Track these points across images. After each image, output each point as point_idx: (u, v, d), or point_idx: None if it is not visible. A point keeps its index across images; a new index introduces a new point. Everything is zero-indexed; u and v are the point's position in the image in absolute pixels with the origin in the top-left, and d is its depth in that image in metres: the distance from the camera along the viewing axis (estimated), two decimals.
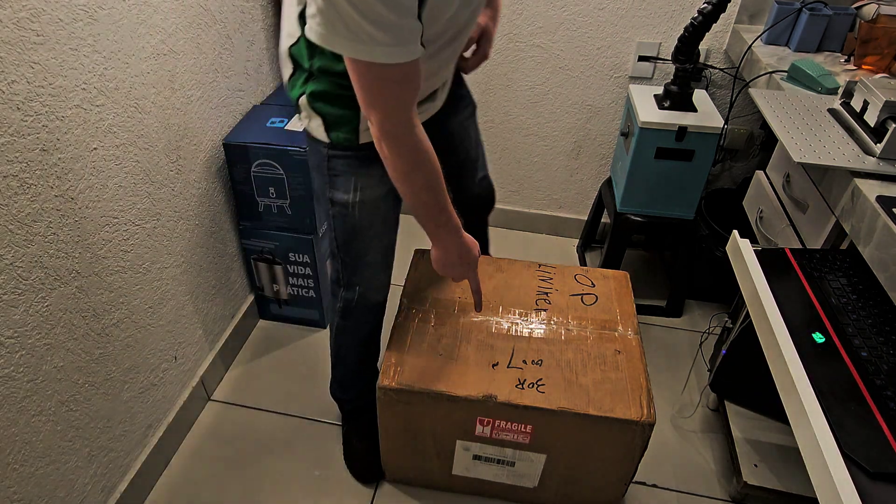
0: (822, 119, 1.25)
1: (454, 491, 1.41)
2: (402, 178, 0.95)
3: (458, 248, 1.08)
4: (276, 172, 1.54)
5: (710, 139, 1.59)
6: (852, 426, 0.81)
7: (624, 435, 1.16)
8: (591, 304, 1.37)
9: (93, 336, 1.17)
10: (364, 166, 1.07)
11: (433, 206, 0.99)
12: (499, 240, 2.15)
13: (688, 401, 1.67)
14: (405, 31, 0.79)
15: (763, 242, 1.45)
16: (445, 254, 1.08)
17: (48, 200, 1.02)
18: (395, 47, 0.79)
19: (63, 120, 1.03)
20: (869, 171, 1.09)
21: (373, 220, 1.14)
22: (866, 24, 1.46)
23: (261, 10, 1.66)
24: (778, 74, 1.48)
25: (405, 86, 0.86)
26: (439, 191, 0.98)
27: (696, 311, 1.97)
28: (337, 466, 1.47)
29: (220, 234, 1.60)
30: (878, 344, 0.93)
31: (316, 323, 1.85)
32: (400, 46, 0.80)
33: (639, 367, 1.22)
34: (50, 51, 0.98)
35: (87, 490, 1.22)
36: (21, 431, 1.03)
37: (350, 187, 1.09)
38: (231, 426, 1.56)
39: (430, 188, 0.97)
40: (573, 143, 2.07)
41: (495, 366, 1.21)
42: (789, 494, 1.35)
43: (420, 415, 1.22)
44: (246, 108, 1.65)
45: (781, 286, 1.03)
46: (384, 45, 0.78)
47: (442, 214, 1.01)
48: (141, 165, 1.25)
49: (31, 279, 1.01)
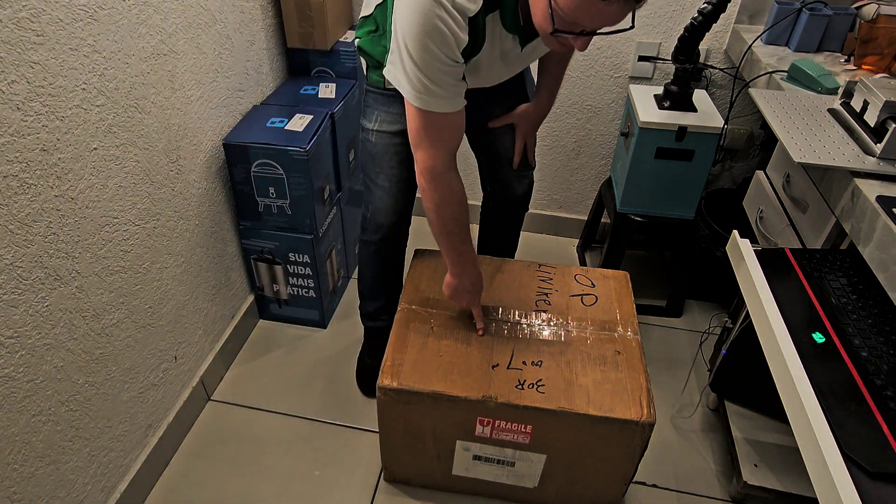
0: (822, 119, 1.25)
1: (454, 491, 1.41)
2: (434, 208, 1.14)
3: (472, 278, 1.25)
4: (276, 172, 1.54)
5: (710, 139, 1.59)
6: (852, 426, 0.81)
7: (624, 435, 1.16)
8: (591, 305, 1.37)
9: (93, 336, 1.17)
10: (385, 104, 1.27)
11: (457, 237, 1.18)
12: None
13: (688, 401, 1.67)
14: (456, 88, 1.00)
15: (763, 242, 1.45)
16: (460, 281, 1.25)
17: (48, 200, 1.02)
18: (445, 100, 1.00)
19: (63, 120, 1.03)
20: (869, 171, 1.09)
21: (386, 150, 1.31)
22: (866, 24, 1.46)
23: (261, 10, 1.66)
24: (778, 74, 1.48)
25: (450, 131, 1.06)
26: (464, 224, 1.17)
27: (696, 311, 1.97)
28: (337, 466, 1.47)
29: (220, 234, 1.60)
30: (878, 344, 0.93)
31: (316, 323, 1.85)
32: (449, 100, 1.00)
33: (639, 367, 1.22)
34: (50, 51, 0.98)
35: (87, 490, 1.22)
36: (21, 431, 1.03)
37: (373, 118, 1.30)
38: (231, 426, 1.56)
39: (457, 220, 1.16)
40: (573, 143, 2.07)
41: (495, 366, 1.21)
42: (789, 494, 1.35)
43: (420, 415, 1.22)
44: (246, 108, 1.65)
45: (781, 286, 1.03)
46: (437, 97, 0.99)
47: (464, 245, 1.20)
48: (141, 165, 1.25)
49: (31, 279, 1.01)
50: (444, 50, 0.94)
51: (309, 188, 1.56)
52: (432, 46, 0.93)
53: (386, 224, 1.40)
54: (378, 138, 1.31)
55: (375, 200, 1.38)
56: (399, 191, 1.36)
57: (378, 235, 1.43)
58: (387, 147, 1.31)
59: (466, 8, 0.92)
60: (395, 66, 0.99)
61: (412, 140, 1.08)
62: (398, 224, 1.42)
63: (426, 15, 0.90)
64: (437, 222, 1.16)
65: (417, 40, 0.92)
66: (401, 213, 1.40)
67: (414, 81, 0.97)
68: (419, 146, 1.07)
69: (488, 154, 1.49)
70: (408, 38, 0.93)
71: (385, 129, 1.29)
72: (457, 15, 0.92)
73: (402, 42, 0.94)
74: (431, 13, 0.90)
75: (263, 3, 1.67)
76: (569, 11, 0.86)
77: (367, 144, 1.34)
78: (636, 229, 1.76)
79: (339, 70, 1.83)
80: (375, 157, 1.33)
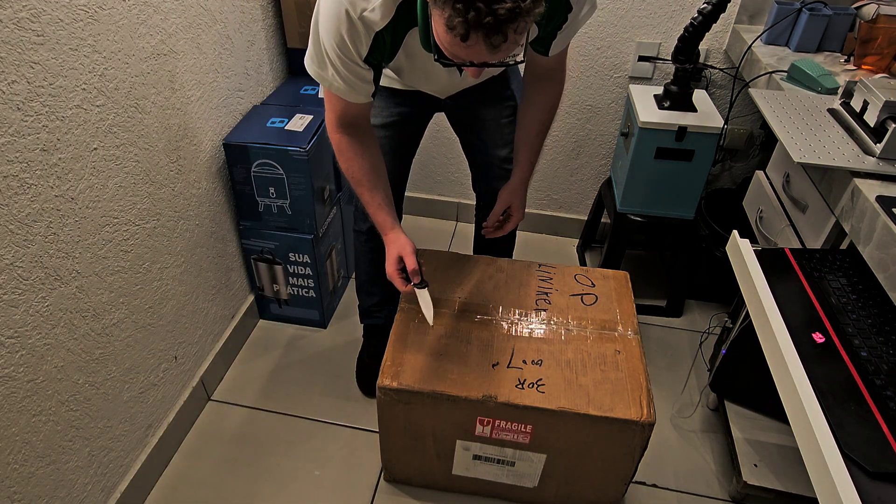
0: (822, 119, 1.25)
1: (454, 491, 1.41)
2: (339, 160, 1.20)
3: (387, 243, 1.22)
4: (276, 172, 1.54)
5: (710, 139, 1.59)
6: (852, 426, 0.81)
7: (624, 435, 1.16)
8: (591, 304, 1.37)
9: (93, 336, 1.17)
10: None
11: (361, 195, 1.22)
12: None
13: (688, 401, 1.67)
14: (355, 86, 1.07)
15: (763, 242, 1.45)
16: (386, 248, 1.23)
17: (48, 200, 1.02)
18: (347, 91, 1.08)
19: (63, 120, 1.03)
20: (869, 171, 1.09)
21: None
22: (866, 24, 1.46)
23: (261, 10, 1.66)
24: (778, 74, 1.48)
25: (342, 110, 1.13)
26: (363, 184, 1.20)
27: (696, 311, 1.97)
28: (337, 466, 1.47)
29: (221, 234, 1.60)
30: (878, 344, 0.93)
31: (316, 323, 1.85)
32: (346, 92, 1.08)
33: (639, 367, 1.22)
34: (50, 51, 0.98)
35: (88, 490, 1.22)
36: (21, 431, 1.03)
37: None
38: (231, 426, 1.56)
39: (353, 177, 1.20)
40: (573, 143, 2.07)
41: (495, 366, 1.21)
42: (789, 494, 1.35)
43: (420, 415, 1.22)
44: (246, 108, 1.65)
45: (781, 286, 1.03)
46: (340, 88, 1.07)
47: (369, 206, 1.22)
48: (141, 165, 1.25)
49: (31, 279, 1.01)
50: (347, 54, 1.01)
51: (309, 188, 1.56)
52: (338, 48, 1.00)
53: None
54: None
55: None
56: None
57: (367, 224, 1.47)
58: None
59: (374, 22, 0.98)
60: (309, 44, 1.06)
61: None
62: None
63: (337, 20, 0.97)
64: (348, 178, 1.22)
65: (328, 38, 1.00)
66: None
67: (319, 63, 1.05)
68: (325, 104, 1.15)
69: (477, 158, 1.49)
70: (322, 33, 1.01)
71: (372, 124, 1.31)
72: (361, 28, 0.98)
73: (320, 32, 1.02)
74: (341, 20, 0.97)
75: (263, 3, 1.67)
76: (444, 46, 0.86)
77: None
78: (636, 229, 1.76)
79: None
80: None
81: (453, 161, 2.19)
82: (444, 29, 0.80)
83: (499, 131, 1.42)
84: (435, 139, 2.13)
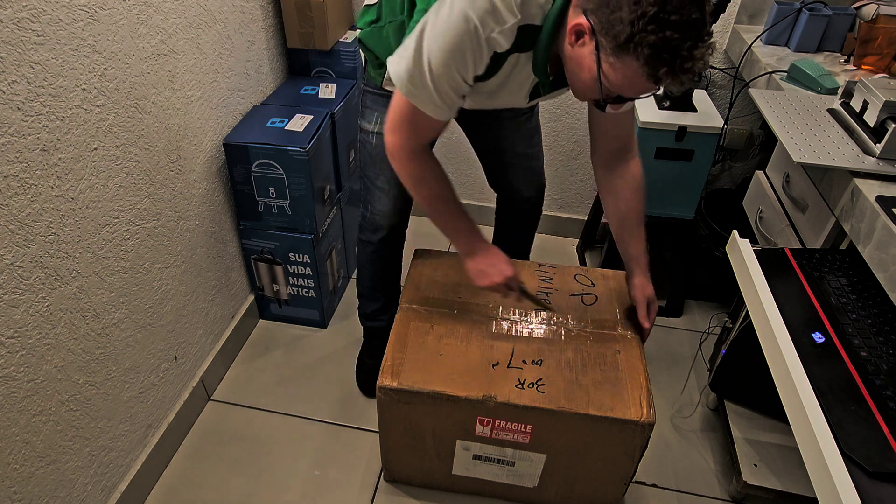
0: (822, 119, 1.26)
1: (454, 491, 1.41)
2: (415, 190, 1.16)
3: (486, 251, 1.23)
4: (276, 172, 1.54)
5: (710, 139, 1.59)
6: (852, 426, 0.81)
7: (624, 435, 1.16)
8: (591, 304, 1.37)
9: (93, 336, 1.17)
10: (385, 106, 1.22)
11: (448, 214, 1.19)
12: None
13: (688, 401, 1.67)
14: (452, 103, 1.04)
15: (763, 242, 1.45)
16: (474, 260, 1.23)
17: (48, 200, 1.02)
18: (438, 108, 1.04)
19: (63, 120, 1.03)
20: (868, 171, 1.09)
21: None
22: (866, 24, 1.46)
23: (261, 10, 1.66)
24: (778, 74, 1.48)
25: (429, 130, 1.10)
26: (449, 199, 1.17)
27: (696, 311, 1.97)
28: (337, 466, 1.47)
29: (221, 234, 1.60)
30: (878, 344, 0.93)
31: (316, 323, 1.85)
32: (441, 109, 1.04)
33: (639, 367, 1.22)
34: (50, 51, 0.98)
35: (88, 490, 1.22)
36: (21, 431, 1.03)
37: (373, 120, 1.31)
38: (231, 426, 1.56)
39: (440, 197, 1.17)
40: (573, 143, 2.07)
41: (495, 366, 1.22)
42: (789, 494, 1.35)
43: (420, 415, 1.22)
44: (246, 108, 1.65)
45: (781, 286, 1.03)
46: (433, 103, 1.03)
47: (459, 221, 1.20)
48: (141, 165, 1.25)
49: (31, 279, 1.01)
50: (461, 70, 0.98)
51: (309, 188, 1.56)
52: (452, 64, 0.97)
53: (385, 225, 1.41)
54: (379, 140, 1.29)
55: (375, 202, 1.39)
56: (399, 193, 1.36)
57: (377, 236, 1.44)
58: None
59: (499, 44, 0.96)
60: (404, 60, 1.01)
61: (389, 123, 1.09)
62: (397, 225, 1.43)
63: (460, 36, 0.94)
64: (424, 204, 1.18)
65: (441, 54, 0.96)
66: (400, 214, 1.41)
67: (417, 80, 1.00)
68: (394, 131, 1.10)
69: (491, 156, 1.48)
70: (433, 48, 0.96)
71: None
72: (486, 48, 0.96)
73: (425, 46, 0.97)
74: (465, 38, 0.94)
75: (263, 3, 1.67)
76: (617, 87, 0.91)
77: (367, 146, 1.35)
78: None
79: (339, 70, 1.84)
80: (376, 159, 1.33)
81: (453, 161, 2.19)
82: (634, 76, 0.87)
83: (516, 129, 1.42)
84: None
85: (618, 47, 0.85)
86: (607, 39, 0.86)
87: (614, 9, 0.83)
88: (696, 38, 0.82)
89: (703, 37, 0.83)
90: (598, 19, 0.87)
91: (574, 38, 0.92)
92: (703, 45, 0.84)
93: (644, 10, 0.80)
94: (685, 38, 0.82)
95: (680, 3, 0.80)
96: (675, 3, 0.80)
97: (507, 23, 0.94)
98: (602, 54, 0.88)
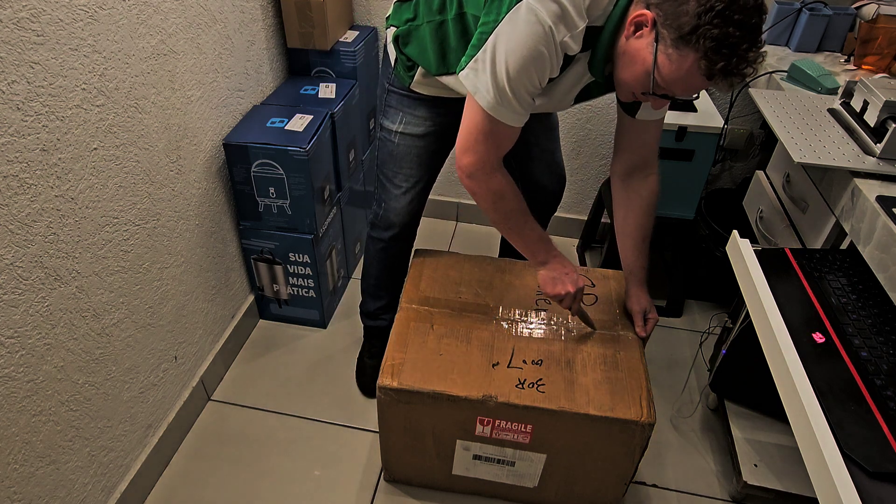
0: (822, 119, 1.26)
1: (454, 491, 1.41)
2: (493, 207, 1.16)
3: (560, 259, 1.23)
4: (276, 172, 1.54)
5: (710, 139, 1.59)
6: (852, 426, 0.81)
7: (624, 435, 1.16)
8: (591, 305, 1.37)
9: (93, 336, 1.17)
10: (411, 107, 1.29)
11: (526, 227, 1.19)
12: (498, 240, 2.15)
13: (688, 401, 1.67)
14: (529, 107, 1.05)
15: (763, 242, 1.45)
16: (552, 267, 1.23)
17: (48, 200, 1.02)
18: (518, 115, 1.04)
19: (63, 120, 1.03)
20: (869, 171, 1.09)
21: (409, 152, 1.34)
22: (866, 24, 1.46)
23: (261, 10, 1.66)
24: (778, 74, 1.48)
25: (508, 140, 1.09)
26: (526, 212, 1.18)
27: (696, 311, 1.97)
28: (337, 466, 1.47)
29: (221, 234, 1.60)
30: (878, 344, 0.93)
31: (316, 323, 1.85)
32: (520, 115, 1.05)
33: (639, 367, 1.22)
34: (50, 51, 0.98)
35: (88, 490, 1.22)
36: (21, 431, 1.03)
37: (397, 120, 1.32)
38: (231, 426, 1.56)
39: (519, 211, 1.17)
40: (573, 143, 2.07)
41: (495, 366, 1.21)
42: (789, 494, 1.35)
43: (420, 415, 1.22)
44: (246, 108, 1.65)
45: (781, 286, 1.03)
46: (513, 111, 1.03)
47: (534, 232, 1.21)
48: (141, 165, 1.25)
49: (31, 279, 1.01)
50: (539, 75, 1.00)
51: (309, 188, 1.56)
52: (532, 70, 0.98)
53: (398, 223, 1.42)
54: (401, 140, 1.32)
55: (390, 199, 1.40)
56: (416, 192, 1.38)
57: (389, 233, 1.45)
58: (409, 149, 1.33)
59: (570, 48, 0.99)
60: (479, 73, 1.01)
61: (464, 143, 1.09)
62: (410, 224, 1.44)
63: (537, 42, 0.96)
64: (502, 220, 1.18)
65: (521, 61, 0.97)
66: (414, 213, 1.42)
67: (499, 93, 1.01)
68: (472, 150, 1.09)
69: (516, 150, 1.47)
70: (510, 57, 0.97)
71: (410, 132, 1.31)
72: (560, 51, 0.98)
73: (502, 57, 0.98)
74: (542, 43, 0.96)
75: (263, 3, 1.67)
76: (668, 81, 0.94)
77: (387, 144, 1.35)
78: None
79: (339, 70, 1.83)
80: (396, 157, 1.35)
81: (453, 161, 2.18)
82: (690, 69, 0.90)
83: (538, 122, 1.42)
84: None
85: (680, 38, 0.88)
86: (669, 31, 0.89)
87: (681, 2, 0.87)
88: (754, 41, 0.87)
89: (759, 42, 0.88)
90: (662, 11, 0.90)
91: (633, 30, 0.95)
92: (757, 50, 0.88)
93: (712, 5, 0.84)
94: (744, 39, 0.86)
95: (745, 5, 0.85)
96: (740, 4, 0.85)
97: (578, 27, 0.96)
98: (661, 46, 0.91)
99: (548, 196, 1.55)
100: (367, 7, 1.95)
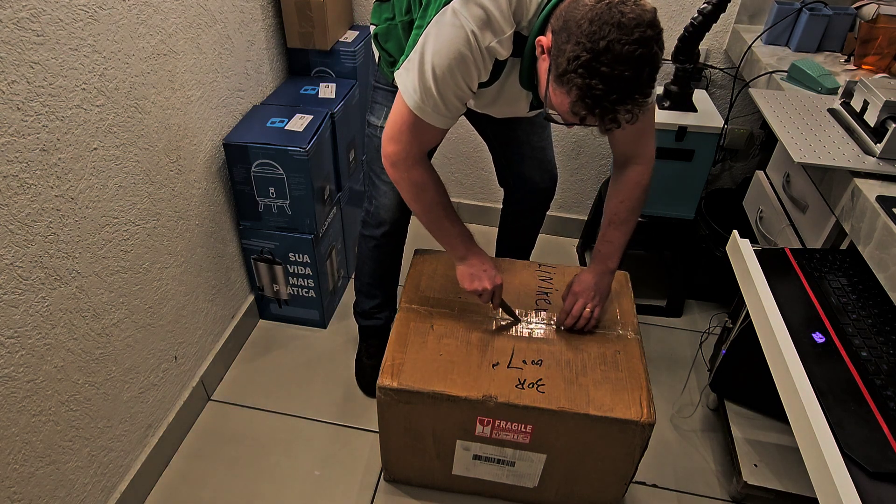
0: (822, 119, 1.26)
1: (454, 491, 1.41)
2: (415, 197, 1.18)
3: (479, 256, 1.26)
4: (276, 172, 1.54)
5: (710, 139, 1.59)
6: (852, 426, 0.81)
7: (624, 435, 1.16)
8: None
9: (93, 336, 1.17)
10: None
11: (445, 220, 1.21)
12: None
13: (688, 401, 1.67)
14: (456, 111, 1.07)
15: (763, 242, 1.45)
16: (469, 264, 1.26)
17: (48, 200, 1.02)
18: (442, 118, 1.06)
19: (63, 120, 1.03)
20: (869, 171, 1.09)
21: None
22: (866, 24, 1.46)
23: (261, 10, 1.66)
24: (778, 74, 1.48)
25: (431, 138, 1.12)
26: (447, 205, 1.20)
27: (696, 311, 1.97)
28: (337, 466, 1.47)
29: (221, 234, 1.60)
30: (878, 344, 0.93)
31: (316, 323, 1.85)
32: (445, 118, 1.07)
33: (639, 367, 1.22)
34: (50, 51, 0.98)
35: (87, 490, 1.22)
36: (21, 431, 1.03)
37: (382, 115, 1.32)
38: (231, 426, 1.56)
39: (440, 203, 1.18)
40: (573, 143, 2.07)
41: (495, 366, 1.21)
42: (789, 494, 1.35)
43: (420, 415, 1.22)
44: (246, 108, 1.65)
45: (781, 286, 1.03)
46: (438, 113, 1.05)
47: (454, 227, 1.22)
48: (141, 165, 1.25)
49: (31, 279, 1.01)
50: (466, 78, 1.01)
51: (309, 188, 1.56)
52: (456, 73, 0.99)
53: (389, 220, 1.42)
54: None
55: (380, 196, 1.40)
56: None
57: (380, 230, 1.45)
58: None
59: (499, 53, 0.99)
60: (409, 72, 1.03)
61: (389, 132, 1.11)
62: (400, 220, 1.44)
63: (459, 45, 0.96)
64: (424, 212, 1.20)
65: (444, 64, 0.98)
66: (404, 209, 1.42)
67: (424, 93, 1.02)
68: (396, 139, 1.11)
69: (506, 149, 1.49)
70: (435, 58, 0.98)
71: None
72: (488, 55, 0.99)
73: (429, 59, 0.99)
74: (465, 46, 0.96)
75: (263, 3, 1.67)
76: (559, 110, 0.94)
77: (374, 140, 1.36)
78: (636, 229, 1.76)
79: (339, 70, 1.84)
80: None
81: (454, 161, 2.19)
82: (566, 108, 0.90)
83: (530, 121, 1.42)
84: None
85: (557, 76, 0.89)
86: (553, 65, 0.89)
87: (566, 40, 0.86)
88: (625, 94, 0.84)
89: (634, 95, 0.85)
90: (555, 41, 0.89)
91: (539, 51, 0.94)
92: (631, 102, 0.85)
93: (579, 54, 0.83)
94: (611, 92, 0.83)
95: (615, 59, 0.82)
96: (609, 57, 0.82)
97: (506, 32, 0.96)
98: (550, 75, 0.92)
99: (540, 194, 1.55)
100: (367, 7, 1.95)
